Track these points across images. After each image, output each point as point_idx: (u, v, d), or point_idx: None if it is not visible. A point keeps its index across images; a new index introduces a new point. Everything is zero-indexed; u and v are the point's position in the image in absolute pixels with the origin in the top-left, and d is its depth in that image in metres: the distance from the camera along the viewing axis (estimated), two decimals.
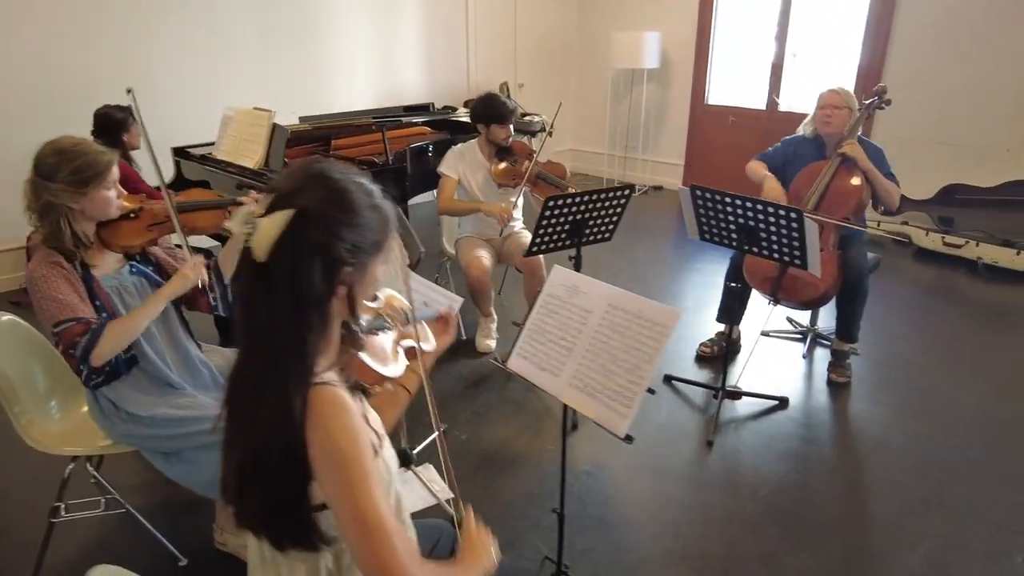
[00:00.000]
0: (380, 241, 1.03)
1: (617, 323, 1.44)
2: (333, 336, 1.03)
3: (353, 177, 1.02)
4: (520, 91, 6.72)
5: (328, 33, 5.27)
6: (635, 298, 1.43)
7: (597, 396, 1.43)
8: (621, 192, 2.74)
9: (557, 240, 2.73)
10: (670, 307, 1.40)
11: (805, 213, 2.92)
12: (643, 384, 1.39)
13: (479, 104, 3.22)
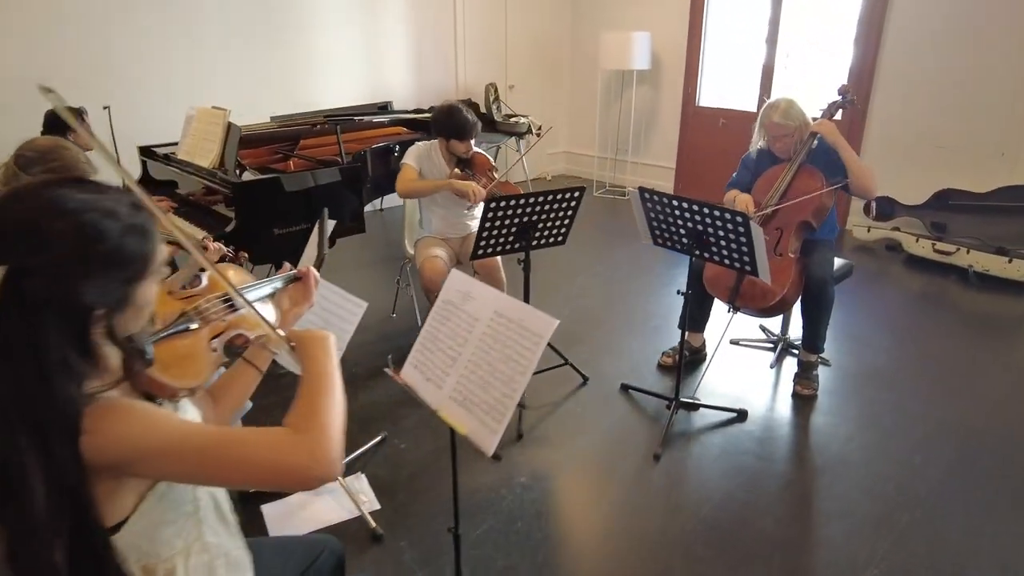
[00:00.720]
0: (141, 268, 0.91)
1: (500, 332, 1.35)
2: (104, 361, 0.93)
3: (94, 203, 0.87)
4: (510, 92, 6.64)
5: (309, 32, 5.22)
6: (519, 306, 1.34)
7: (473, 410, 1.34)
8: (570, 194, 2.65)
9: (504, 243, 2.65)
10: (548, 316, 1.30)
11: (757, 213, 2.84)
12: (515, 398, 1.30)
13: (440, 116, 3.12)
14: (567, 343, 3.40)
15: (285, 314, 1.36)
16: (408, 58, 5.90)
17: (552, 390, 3.00)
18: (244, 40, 4.90)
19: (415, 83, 6.00)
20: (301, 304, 1.36)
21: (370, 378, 3.11)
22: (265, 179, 2.97)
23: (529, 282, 2.80)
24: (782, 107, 2.88)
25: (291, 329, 1.24)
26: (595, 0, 6.55)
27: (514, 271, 2.72)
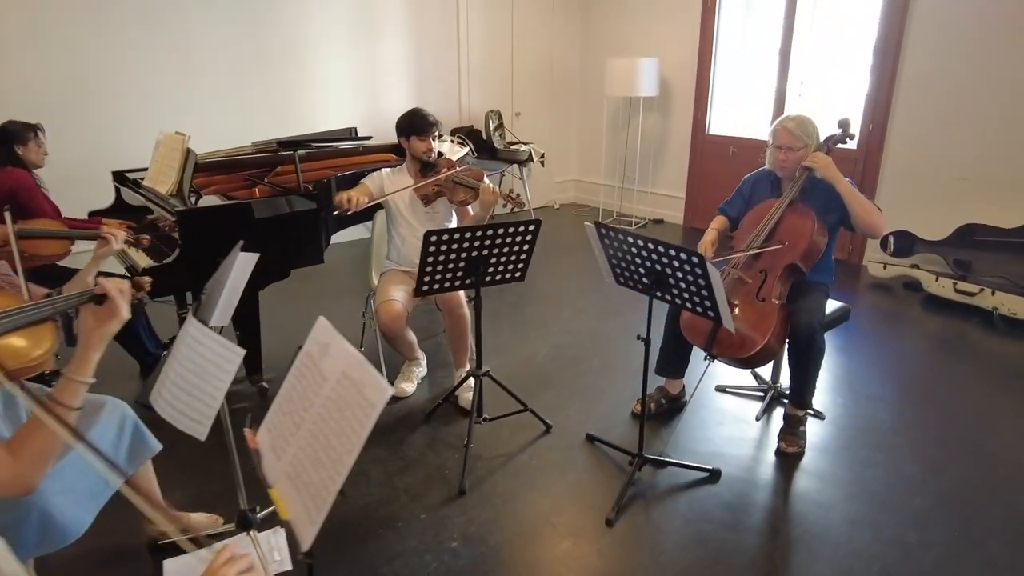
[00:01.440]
0: None
1: (343, 397, 1.14)
2: None
3: None
4: (517, 120, 6.50)
5: (306, 57, 5.18)
6: (365, 368, 1.13)
7: (302, 492, 1.13)
8: (524, 227, 2.44)
9: (452, 279, 2.45)
10: (383, 381, 1.08)
11: (738, 253, 2.59)
12: (338, 483, 1.09)
13: (401, 118, 3.01)
14: (537, 386, 3.18)
15: (90, 333, 1.41)
16: (409, 84, 5.82)
17: (510, 438, 2.77)
18: (239, 65, 4.87)
19: None
20: (108, 322, 1.43)
21: None
22: (209, 207, 2.84)
23: (481, 320, 2.59)
24: (799, 119, 2.66)
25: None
26: (604, 26, 6.40)
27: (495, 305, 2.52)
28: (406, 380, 3.15)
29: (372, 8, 5.41)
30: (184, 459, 2.45)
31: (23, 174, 2.90)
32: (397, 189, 3.01)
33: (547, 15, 6.38)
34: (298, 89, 5.18)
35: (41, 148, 3.01)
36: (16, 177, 2.86)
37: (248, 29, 4.86)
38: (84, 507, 1.82)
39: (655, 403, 2.95)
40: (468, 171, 3.03)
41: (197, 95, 4.74)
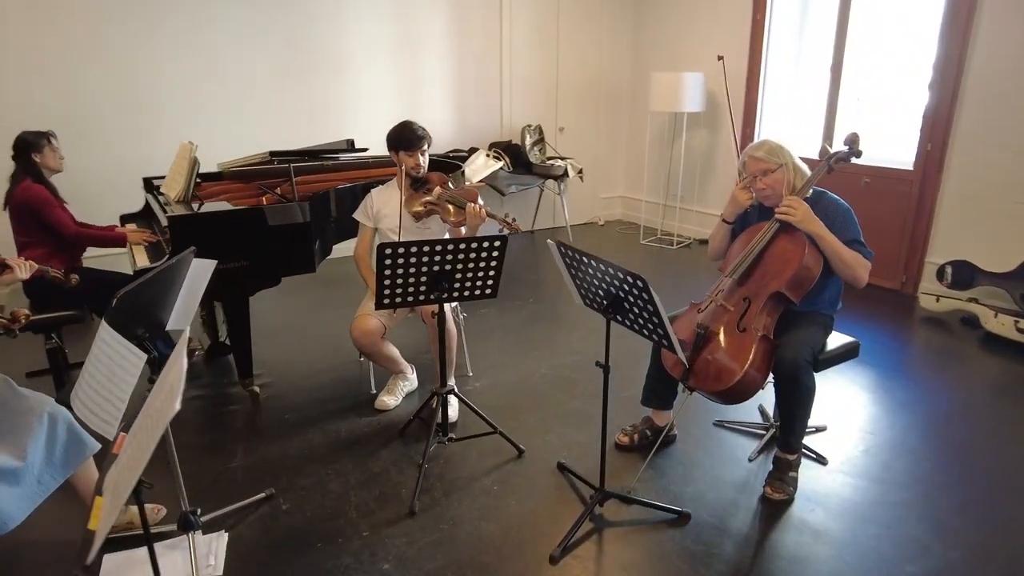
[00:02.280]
0: None
1: (161, 409, 1.11)
2: None
3: None
4: (560, 135, 6.42)
5: (345, 68, 5.32)
6: (181, 381, 1.09)
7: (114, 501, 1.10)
8: (488, 243, 2.36)
9: (415, 293, 2.40)
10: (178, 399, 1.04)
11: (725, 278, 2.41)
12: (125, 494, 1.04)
13: (391, 130, 2.97)
14: (524, 407, 3.07)
15: None
16: (449, 97, 5.86)
17: (478, 461, 2.67)
18: (279, 75, 5.06)
19: (455, 123, 5.94)
20: None
21: (296, 426, 2.94)
22: (193, 214, 2.92)
23: (444, 337, 2.52)
24: (763, 143, 2.48)
25: None
26: (654, 39, 6.23)
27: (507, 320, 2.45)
28: (388, 393, 3.12)
29: (413, 20, 5.50)
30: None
31: (39, 190, 3.04)
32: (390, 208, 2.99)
33: (596, 28, 6.29)
34: (337, 100, 5.32)
35: (56, 153, 3.19)
36: (33, 193, 3.01)
37: (288, 40, 5.04)
38: (17, 506, 1.86)
39: (639, 435, 2.77)
40: (461, 190, 2.97)
41: (238, 105, 4.96)
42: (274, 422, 2.99)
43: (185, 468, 2.60)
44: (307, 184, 3.72)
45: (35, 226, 3.06)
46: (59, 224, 3.05)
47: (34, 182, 3.05)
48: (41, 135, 3.11)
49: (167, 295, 2.07)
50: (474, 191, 2.98)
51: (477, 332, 3.99)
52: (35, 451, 1.93)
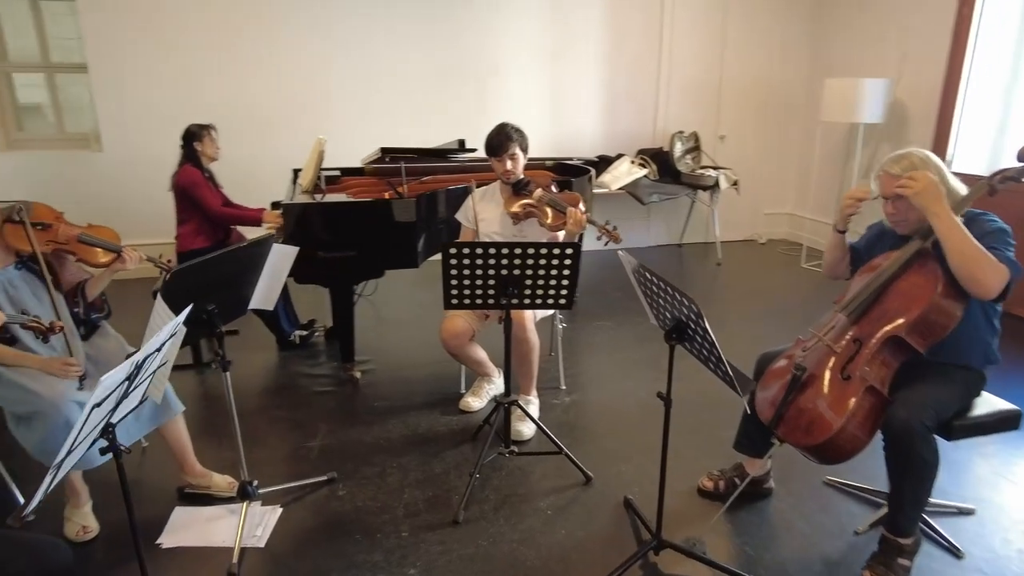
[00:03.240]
0: None
1: None
2: None
3: None
4: (720, 143, 5.98)
5: (495, 71, 5.40)
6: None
7: None
8: (560, 251, 2.22)
9: (483, 296, 2.33)
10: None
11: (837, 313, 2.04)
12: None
13: (487, 135, 2.90)
14: (605, 431, 2.88)
15: None
16: (600, 102, 5.72)
17: (540, 480, 2.53)
18: (431, 78, 5.28)
19: (604, 128, 5.79)
20: None
21: (380, 415, 3.01)
22: (306, 204, 3.09)
23: (511, 345, 2.41)
24: (903, 155, 2.02)
25: None
26: (833, 42, 5.57)
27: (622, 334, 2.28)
28: (474, 395, 3.08)
29: (566, 23, 5.44)
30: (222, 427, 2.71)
31: (193, 173, 3.47)
32: (488, 212, 2.94)
33: (769, 29, 5.77)
34: (486, 102, 5.42)
35: (214, 143, 3.59)
36: (188, 175, 3.46)
37: (443, 44, 5.24)
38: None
39: (727, 482, 2.45)
40: (563, 194, 2.84)
41: (391, 106, 5.26)
42: (362, 407, 3.09)
43: (270, 440, 2.81)
44: (432, 184, 3.82)
45: (188, 204, 3.48)
46: (205, 203, 3.44)
47: (192, 167, 3.46)
48: (204, 127, 3.53)
49: (241, 276, 2.19)
50: (577, 196, 2.82)
51: (584, 344, 3.83)
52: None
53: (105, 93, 4.83)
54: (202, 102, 4.89)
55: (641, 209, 5.71)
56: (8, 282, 2.08)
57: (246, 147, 4.94)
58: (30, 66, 5.11)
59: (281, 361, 3.67)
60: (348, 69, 5.12)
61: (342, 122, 5.17)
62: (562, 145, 5.63)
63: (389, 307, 4.53)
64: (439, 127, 5.26)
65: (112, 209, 4.95)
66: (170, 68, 4.86)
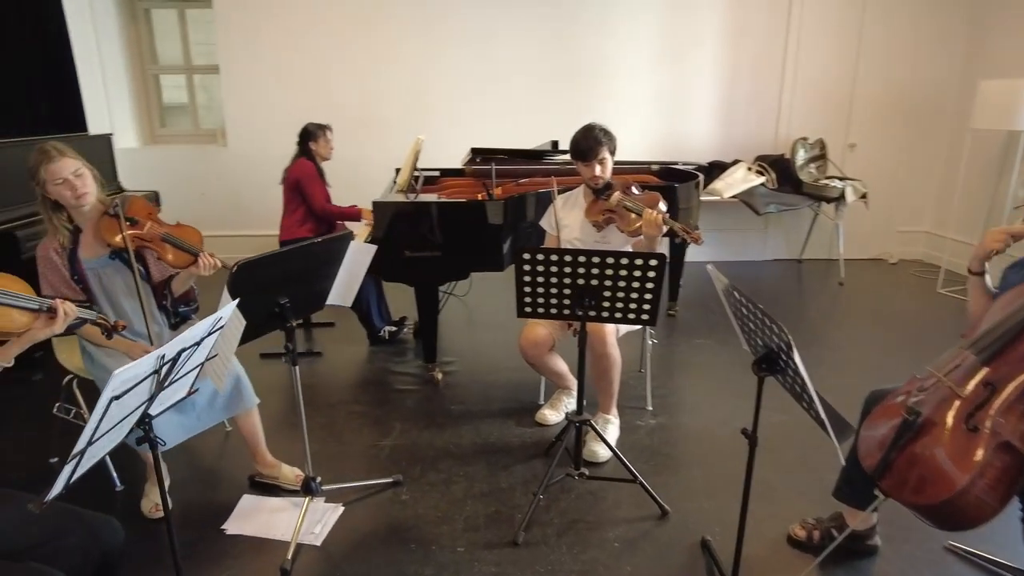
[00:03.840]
0: None
1: None
2: None
3: None
4: (850, 151, 5.46)
5: (606, 72, 5.24)
6: None
7: None
8: (643, 262, 2.05)
9: (557, 305, 2.20)
10: None
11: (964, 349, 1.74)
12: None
13: (572, 137, 2.75)
14: (692, 461, 2.65)
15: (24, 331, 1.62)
16: (717, 105, 5.39)
17: (611, 508, 2.35)
18: (542, 78, 5.21)
19: (720, 133, 5.45)
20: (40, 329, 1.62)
21: (455, 419, 2.95)
22: (393, 202, 3.08)
23: (584, 360, 2.25)
24: None
25: None
26: (998, 39, 4.90)
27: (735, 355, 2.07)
28: (551, 408, 2.95)
29: (684, 22, 5.17)
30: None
31: (309, 165, 3.64)
32: (571, 218, 2.80)
33: (914, 28, 5.18)
34: (591, 102, 5.26)
35: (328, 144, 3.73)
36: (302, 167, 3.62)
37: (556, 43, 5.14)
38: (174, 432, 2.15)
39: (822, 532, 2.15)
40: (643, 195, 2.65)
41: (503, 107, 5.23)
42: (438, 410, 3.05)
43: (345, 435, 2.83)
44: (528, 187, 3.74)
45: (296, 196, 3.64)
46: (311, 196, 3.58)
47: (307, 161, 3.62)
48: (321, 127, 3.69)
49: (316, 271, 2.18)
50: (656, 196, 2.61)
51: (678, 362, 3.58)
52: (203, 391, 2.22)
53: (233, 92, 5.17)
54: (320, 103, 5.12)
55: (757, 220, 5.32)
56: (102, 271, 2.19)
57: (358, 146, 5.12)
58: (173, 68, 5.56)
59: (369, 356, 3.72)
60: (457, 69, 5.16)
61: (448, 122, 5.21)
62: (672, 149, 5.36)
63: (481, 308, 4.49)
64: (542, 127, 5.15)
65: (229, 200, 5.31)
66: (292, 71, 5.12)
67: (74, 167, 2.06)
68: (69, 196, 2.07)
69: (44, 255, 2.12)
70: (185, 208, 5.25)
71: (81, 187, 2.08)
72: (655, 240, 2.51)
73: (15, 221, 3.26)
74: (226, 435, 2.81)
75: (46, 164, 2.03)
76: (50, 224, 2.13)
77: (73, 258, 2.15)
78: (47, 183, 2.05)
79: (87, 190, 2.09)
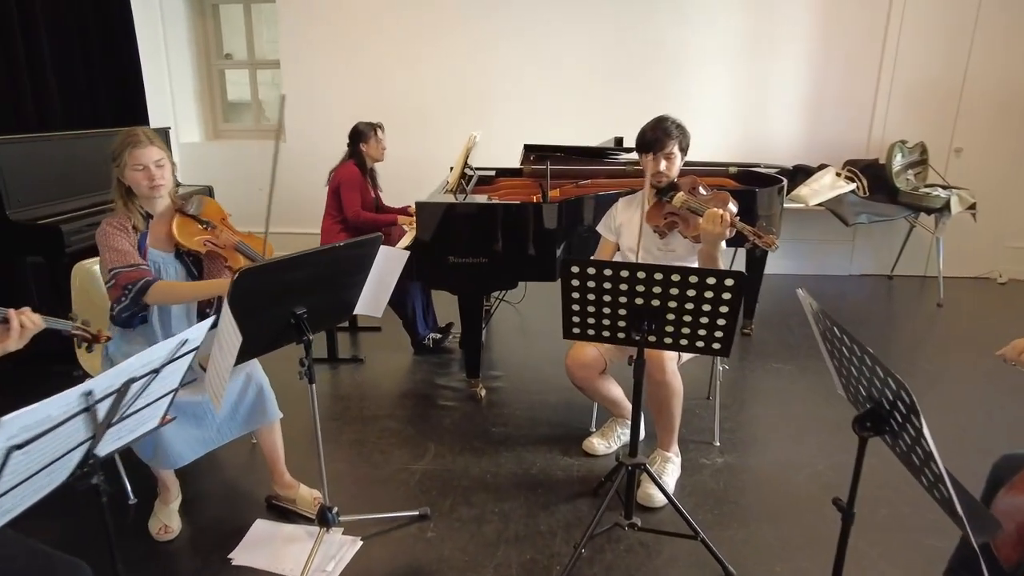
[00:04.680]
0: None
1: None
2: None
3: None
4: (955, 157, 4.87)
5: (680, 67, 4.86)
6: None
7: None
8: (717, 280, 1.72)
9: (611, 328, 1.89)
10: None
11: None
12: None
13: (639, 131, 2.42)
14: (764, 512, 2.29)
15: None
16: (803, 104, 4.92)
17: (666, 566, 2.01)
18: (606, 73, 4.89)
19: (806, 134, 4.97)
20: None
21: (495, 444, 2.68)
22: (436, 203, 2.82)
23: (640, 393, 1.92)
24: None
25: None
26: None
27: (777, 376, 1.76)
28: (601, 437, 2.63)
29: (771, 16, 4.73)
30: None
31: (353, 171, 3.44)
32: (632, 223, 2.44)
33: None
34: (667, 98, 4.86)
35: (380, 144, 3.53)
36: (344, 173, 3.44)
37: (623, 33, 4.80)
38: (190, 447, 1.99)
39: None
40: (711, 196, 2.29)
41: (563, 102, 4.94)
42: (478, 431, 2.79)
43: (374, 455, 2.59)
44: (589, 188, 3.44)
45: (335, 201, 3.44)
46: (345, 204, 3.38)
47: (354, 166, 3.44)
48: (372, 126, 3.49)
49: (340, 278, 1.95)
50: (725, 195, 2.25)
51: (752, 390, 3.19)
52: (224, 402, 2.03)
53: (292, 88, 5.08)
54: (377, 99, 4.99)
55: (843, 231, 4.82)
56: (164, 266, 2.08)
57: (416, 144, 4.94)
58: (238, 63, 5.54)
59: (412, 365, 3.49)
60: (519, 63, 4.91)
61: (509, 119, 4.96)
62: (751, 151, 4.91)
63: (535, 316, 4.21)
64: (608, 126, 4.81)
65: (287, 196, 5.20)
66: (351, 67, 5.01)
67: (158, 156, 1.99)
68: (145, 184, 1.98)
69: (115, 228, 1.98)
70: (244, 203, 5.20)
71: (159, 177, 1.99)
72: (716, 244, 2.14)
73: (60, 215, 3.21)
74: (252, 446, 2.63)
75: (132, 148, 1.95)
76: (124, 208, 2.02)
77: (143, 243, 2.03)
78: (127, 167, 1.96)
79: (163, 181, 2.01)
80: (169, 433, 1.94)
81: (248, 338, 1.60)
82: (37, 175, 3.25)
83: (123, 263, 1.93)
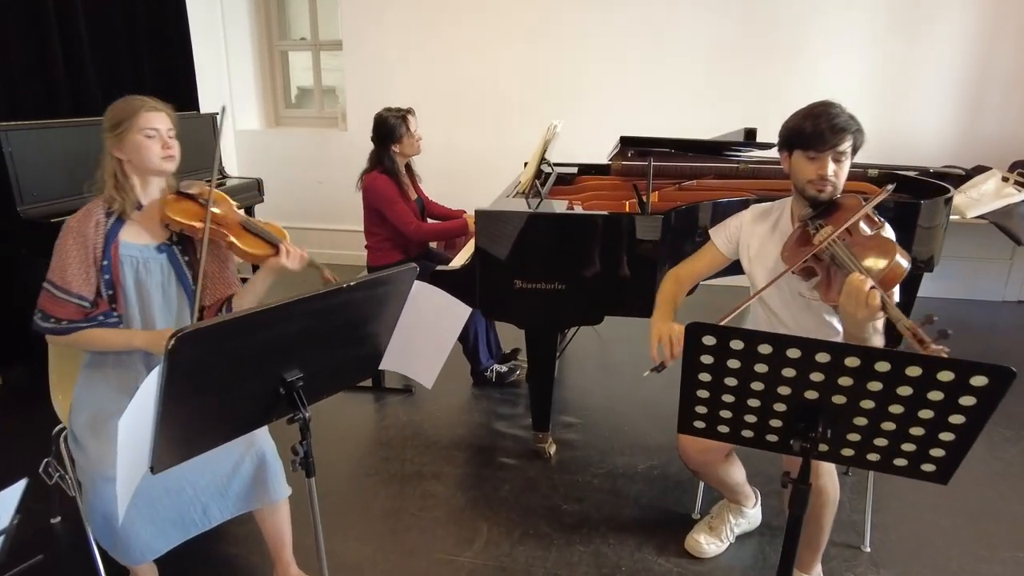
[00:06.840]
0: None
1: None
2: None
3: None
4: None
5: (801, 49, 4.06)
6: None
7: None
8: (957, 373, 1.03)
9: (754, 426, 1.23)
10: None
11: None
12: None
13: (789, 118, 1.65)
14: None
15: None
16: (957, 93, 4.02)
17: None
18: (715, 54, 4.16)
19: (960, 130, 4.06)
20: None
21: (563, 530, 2.05)
22: (505, 211, 2.18)
23: (799, 531, 1.24)
24: None
25: None
26: None
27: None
28: (710, 532, 1.96)
29: None
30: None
31: (383, 186, 2.78)
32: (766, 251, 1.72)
33: None
34: (780, 87, 4.10)
35: (414, 137, 2.88)
36: (377, 188, 2.79)
37: (732, 13, 4.05)
38: (163, 534, 1.51)
39: None
40: (871, 240, 1.53)
41: (668, 89, 4.26)
42: (545, 509, 2.17)
43: (411, 534, 2.02)
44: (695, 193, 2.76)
45: (377, 218, 2.86)
46: (400, 223, 2.77)
47: (385, 176, 2.82)
48: (400, 118, 2.83)
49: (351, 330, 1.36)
50: (888, 243, 1.49)
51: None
52: (211, 475, 1.54)
53: (355, 74, 4.63)
54: (444, 85, 4.45)
55: (999, 249, 3.94)
56: (144, 262, 1.68)
57: (489, 134, 4.39)
58: (301, 44, 5.11)
59: (469, 403, 2.91)
60: (606, 43, 4.23)
61: (594, 107, 4.32)
62: (890, 149, 4.04)
63: (619, 343, 3.53)
64: (721, 117, 4.08)
65: (343, 191, 4.74)
66: (417, 49, 4.49)
67: (169, 126, 1.70)
68: (157, 151, 1.65)
69: (78, 227, 1.63)
70: (296, 198, 4.80)
71: (173, 148, 1.69)
72: (860, 327, 1.41)
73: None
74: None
75: (143, 110, 1.65)
76: (114, 191, 1.66)
77: (112, 237, 1.64)
78: (132, 132, 1.63)
79: (176, 154, 1.70)
80: (130, 520, 1.44)
81: (203, 423, 1.04)
82: (54, 166, 2.87)
83: (61, 284, 1.60)
